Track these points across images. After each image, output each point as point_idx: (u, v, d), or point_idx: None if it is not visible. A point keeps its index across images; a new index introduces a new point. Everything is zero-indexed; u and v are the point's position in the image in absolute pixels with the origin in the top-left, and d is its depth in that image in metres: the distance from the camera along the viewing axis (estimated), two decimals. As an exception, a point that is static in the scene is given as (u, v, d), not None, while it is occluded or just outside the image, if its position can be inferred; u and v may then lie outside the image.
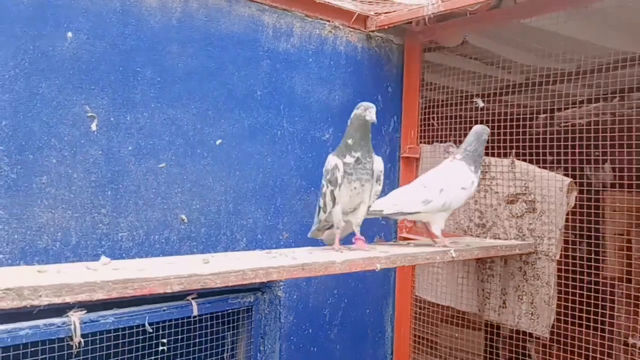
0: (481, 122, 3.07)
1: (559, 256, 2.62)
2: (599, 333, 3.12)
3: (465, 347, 3.38)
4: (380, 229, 3.16)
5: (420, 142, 3.15)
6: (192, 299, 2.44)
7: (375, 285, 3.17)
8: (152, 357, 2.42)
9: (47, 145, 2.11)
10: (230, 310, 2.65)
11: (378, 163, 2.22)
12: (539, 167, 2.70)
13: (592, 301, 2.84)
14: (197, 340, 2.51)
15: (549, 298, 2.63)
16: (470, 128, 3.10)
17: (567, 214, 2.64)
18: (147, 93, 2.34)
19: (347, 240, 2.35)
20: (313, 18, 2.82)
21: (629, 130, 3.05)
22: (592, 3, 2.58)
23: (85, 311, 2.05)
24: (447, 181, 2.35)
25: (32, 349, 1.92)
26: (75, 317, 2.05)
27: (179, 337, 2.43)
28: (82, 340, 2.04)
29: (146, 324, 2.30)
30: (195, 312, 2.43)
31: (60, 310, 1.95)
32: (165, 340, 2.42)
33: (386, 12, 2.92)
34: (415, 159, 3.14)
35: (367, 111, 2.13)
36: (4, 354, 1.78)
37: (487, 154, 2.91)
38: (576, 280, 2.76)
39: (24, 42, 2.05)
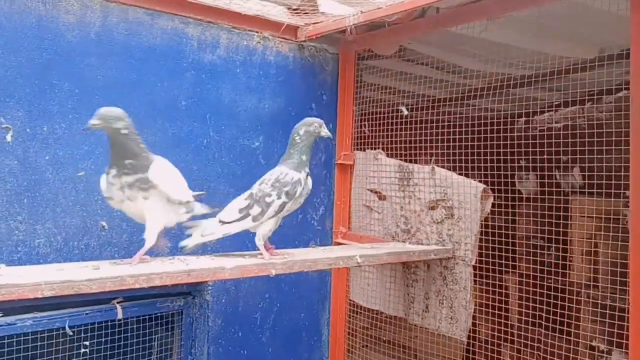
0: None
1: (474, 261, 2.67)
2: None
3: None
4: (315, 234, 3.23)
5: (355, 149, 3.22)
6: (118, 302, 2.52)
7: (310, 290, 3.24)
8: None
9: (-40, 155, 2.21)
10: (158, 314, 2.74)
11: (310, 182, 2.32)
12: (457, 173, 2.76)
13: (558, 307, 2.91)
14: (122, 343, 2.59)
15: (466, 302, 2.68)
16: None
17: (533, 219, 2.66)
18: (64, 105, 2.43)
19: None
20: (240, 30, 2.90)
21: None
22: (507, 13, 2.63)
23: (1, 314, 2.15)
24: None
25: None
26: (-10, 320, 2.14)
27: (107, 339, 2.51)
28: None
29: (66, 327, 2.38)
30: (120, 316, 2.51)
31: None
32: (87, 343, 2.51)
33: (314, 23, 2.99)
34: (350, 166, 3.21)
35: (322, 127, 2.26)
36: None
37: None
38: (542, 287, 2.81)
39: None
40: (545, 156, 3.02)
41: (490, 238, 2.86)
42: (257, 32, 2.96)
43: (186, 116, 2.76)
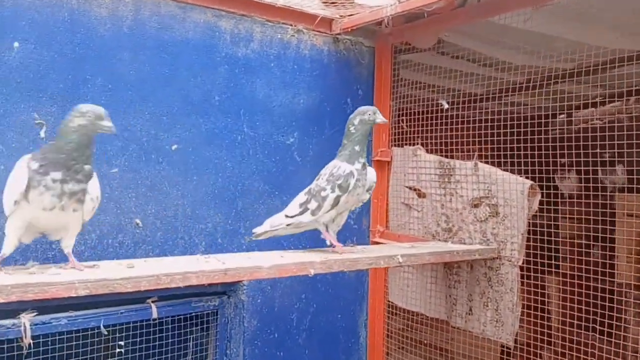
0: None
1: (521, 262, 2.53)
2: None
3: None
4: (352, 233, 3.13)
5: (393, 145, 3.11)
6: (153, 302, 2.47)
7: (347, 290, 3.14)
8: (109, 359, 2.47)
9: (-7, 152, 2.17)
10: (193, 314, 2.67)
11: (372, 174, 2.28)
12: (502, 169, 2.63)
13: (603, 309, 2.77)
14: (157, 343, 2.54)
15: (512, 305, 2.54)
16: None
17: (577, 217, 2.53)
18: (97, 100, 2.37)
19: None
20: (274, 22, 2.82)
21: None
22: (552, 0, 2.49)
23: (36, 313, 2.11)
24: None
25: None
26: (25, 319, 2.11)
27: (142, 338, 2.46)
28: (32, 341, 2.10)
29: (101, 326, 2.34)
30: (155, 315, 2.46)
31: (10, 312, 2.02)
32: (122, 343, 2.46)
33: (349, 15, 2.90)
34: (387, 162, 3.10)
35: (376, 115, 2.22)
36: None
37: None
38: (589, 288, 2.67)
39: (-31, 53, 2.13)
40: (589, 151, 2.88)
41: (533, 237, 2.73)
42: (291, 25, 2.88)
43: (220, 111, 2.69)
